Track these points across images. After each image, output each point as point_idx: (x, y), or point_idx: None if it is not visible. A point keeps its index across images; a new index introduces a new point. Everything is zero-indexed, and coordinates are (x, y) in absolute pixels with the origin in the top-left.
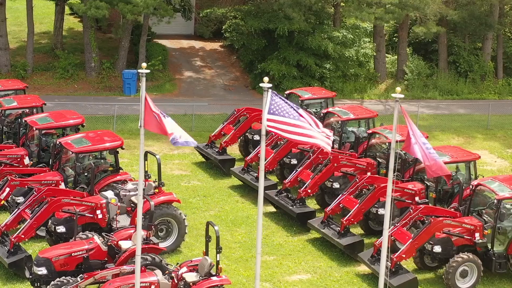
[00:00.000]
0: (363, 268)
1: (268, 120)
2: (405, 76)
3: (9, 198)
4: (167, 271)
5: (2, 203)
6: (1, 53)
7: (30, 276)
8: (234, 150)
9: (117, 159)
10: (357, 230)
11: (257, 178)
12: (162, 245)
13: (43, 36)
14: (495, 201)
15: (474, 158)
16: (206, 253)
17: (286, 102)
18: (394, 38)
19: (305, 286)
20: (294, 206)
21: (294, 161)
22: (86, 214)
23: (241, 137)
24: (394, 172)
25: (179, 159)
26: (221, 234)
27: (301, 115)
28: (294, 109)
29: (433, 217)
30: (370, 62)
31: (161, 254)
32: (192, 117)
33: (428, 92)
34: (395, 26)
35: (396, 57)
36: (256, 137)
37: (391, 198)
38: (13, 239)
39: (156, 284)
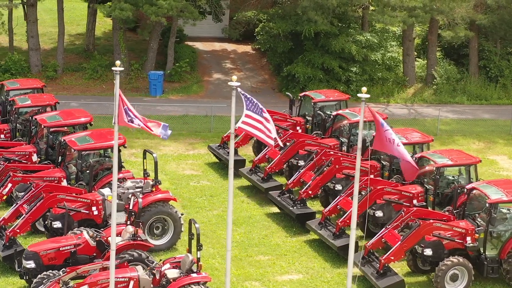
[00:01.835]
0: (356, 270)
1: (246, 116)
2: (434, 80)
3: (13, 194)
4: (149, 267)
5: (4, 198)
6: (32, 53)
7: (19, 270)
8: (250, 152)
9: (120, 157)
10: (357, 232)
11: (263, 179)
12: (158, 242)
13: (79, 37)
14: (487, 205)
15: (474, 162)
16: (189, 250)
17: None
18: (426, 42)
19: (294, 286)
20: (295, 207)
21: (301, 163)
22: (81, 211)
23: (254, 138)
24: (393, 174)
25: (193, 159)
26: (220, 233)
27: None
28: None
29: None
30: (400, 66)
31: (157, 252)
32: (211, 118)
33: (456, 96)
34: (427, 31)
35: (426, 61)
36: None
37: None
38: (8, 233)
39: (135, 279)
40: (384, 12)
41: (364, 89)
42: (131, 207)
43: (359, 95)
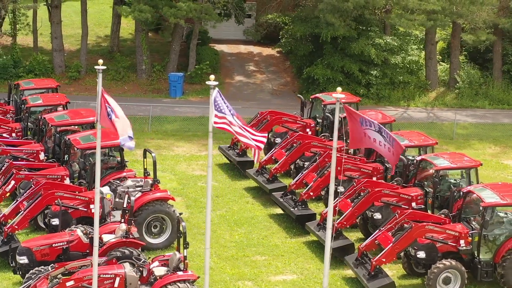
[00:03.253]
0: (351, 272)
1: (215, 116)
2: (456, 84)
3: (17, 191)
4: (136, 265)
5: (7, 195)
6: (56, 54)
7: (12, 265)
8: (261, 153)
9: (123, 156)
10: (358, 234)
11: (268, 180)
12: (156, 241)
13: (106, 39)
14: (481, 208)
15: (475, 165)
16: (178, 248)
17: (225, 103)
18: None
19: (287, 287)
20: (295, 208)
21: (310, 165)
22: (79, 208)
23: (267, 139)
24: (396, 176)
25: (204, 160)
26: (221, 233)
27: (236, 116)
28: (230, 109)
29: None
30: (423, 70)
31: (154, 250)
32: None
33: (478, 101)
34: (450, 34)
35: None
36: (278, 140)
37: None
38: (6, 229)
39: (121, 276)
40: (402, 15)
41: (339, 89)
42: (125, 205)
43: (333, 95)
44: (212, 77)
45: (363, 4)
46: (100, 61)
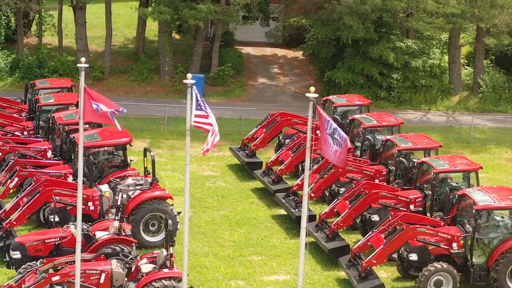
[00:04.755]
0: (344, 273)
1: (196, 116)
2: (480, 88)
3: (21, 188)
4: (123, 261)
5: (11, 191)
6: (80, 55)
7: (5, 259)
8: (272, 154)
9: (126, 155)
10: (358, 236)
11: (273, 181)
12: (154, 239)
13: (133, 40)
14: (474, 211)
15: (474, 168)
16: (166, 246)
17: (202, 101)
18: None
19: (278, 286)
20: (296, 209)
21: (314, 167)
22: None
23: (278, 141)
24: (398, 178)
25: (215, 161)
26: (221, 233)
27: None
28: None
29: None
30: (446, 73)
31: (152, 248)
32: (241, 121)
33: (500, 105)
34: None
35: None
36: (287, 141)
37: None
38: (4, 225)
39: (107, 272)
40: (420, 18)
41: (312, 88)
42: (118, 203)
43: (307, 94)
44: (189, 75)
45: (381, 6)
46: (83, 59)
